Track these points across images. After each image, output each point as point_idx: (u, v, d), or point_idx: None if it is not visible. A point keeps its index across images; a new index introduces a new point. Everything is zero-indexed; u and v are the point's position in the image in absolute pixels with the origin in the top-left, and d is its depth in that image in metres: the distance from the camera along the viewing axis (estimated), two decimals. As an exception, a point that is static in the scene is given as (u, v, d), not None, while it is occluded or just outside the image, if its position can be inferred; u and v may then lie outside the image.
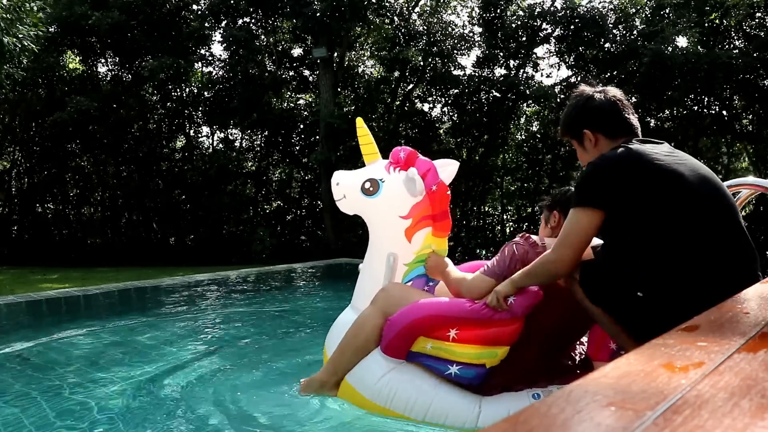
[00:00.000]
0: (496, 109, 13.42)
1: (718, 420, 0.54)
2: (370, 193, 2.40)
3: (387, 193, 2.38)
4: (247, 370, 3.10)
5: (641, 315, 1.72)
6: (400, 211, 2.37)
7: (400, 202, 2.37)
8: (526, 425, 0.53)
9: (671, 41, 11.41)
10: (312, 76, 14.63)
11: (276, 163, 15.39)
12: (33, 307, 5.38)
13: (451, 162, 2.57)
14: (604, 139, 1.92)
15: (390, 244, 2.39)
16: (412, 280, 2.38)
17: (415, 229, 2.36)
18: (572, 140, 2.04)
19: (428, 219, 2.37)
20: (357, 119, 2.71)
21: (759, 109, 12.11)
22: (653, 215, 1.73)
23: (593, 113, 1.95)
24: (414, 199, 2.35)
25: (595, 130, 1.94)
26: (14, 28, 7.60)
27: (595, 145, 1.95)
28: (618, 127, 1.92)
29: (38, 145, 14.44)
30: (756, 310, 1.21)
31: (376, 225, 2.48)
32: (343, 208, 2.53)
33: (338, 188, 2.49)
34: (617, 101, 1.95)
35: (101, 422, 2.23)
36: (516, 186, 14.81)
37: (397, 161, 2.44)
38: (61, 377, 2.97)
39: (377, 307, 2.19)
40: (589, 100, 1.97)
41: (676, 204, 1.72)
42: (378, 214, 2.45)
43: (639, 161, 1.75)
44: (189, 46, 13.44)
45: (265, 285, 7.65)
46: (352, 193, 2.45)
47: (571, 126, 2.01)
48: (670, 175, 1.73)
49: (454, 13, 14.77)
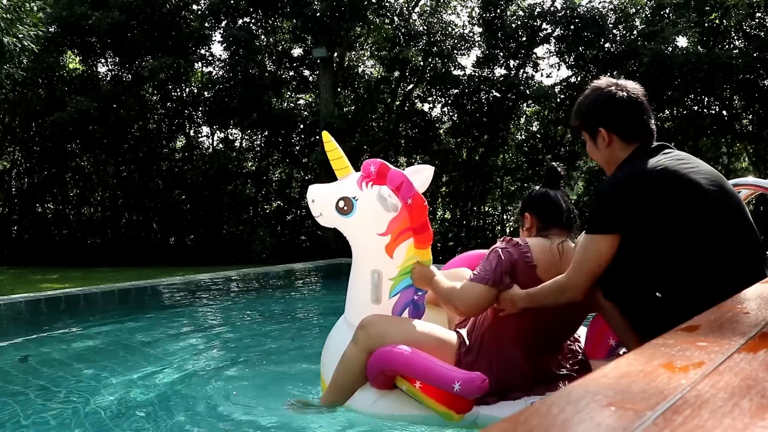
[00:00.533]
0: (496, 109, 13.42)
1: (718, 420, 0.54)
2: (344, 213, 2.34)
3: (362, 211, 2.31)
4: (246, 370, 3.10)
5: (658, 315, 1.71)
6: (377, 228, 2.30)
7: (376, 220, 2.30)
8: (526, 425, 0.53)
9: (671, 41, 11.41)
10: (312, 76, 14.63)
11: (276, 163, 15.39)
12: (33, 307, 5.38)
13: (426, 167, 2.48)
14: (618, 141, 1.88)
15: (372, 261, 2.34)
16: (400, 292, 2.33)
17: (395, 245, 2.30)
18: (584, 132, 1.99)
19: (407, 231, 2.30)
20: (323, 133, 2.62)
21: (759, 109, 12.11)
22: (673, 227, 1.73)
23: (613, 114, 1.88)
24: (390, 215, 2.28)
25: (611, 130, 1.88)
26: (14, 28, 7.60)
27: (608, 145, 1.90)
28: (635, 130, 1.88)
29: (38, 145, 14.44)
30: (756, 310, 1.21)
31: (356, 243, 2.43)
32: (323, 223, 2.47)
33: (314, 205, 2.43)
34: (639, 102, 1.89)
35: (101, 422, 2.23)
36: (516, 186, 14.80)
37: (368, 175, 2.34)
38: (60, 377, 2.97)
39: (359, 347, 2.17)
40: (611, 98, 1.89)
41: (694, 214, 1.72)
42: (355, 233, 2.39)
43: (651, 180, 1.73)
44: (189, 46, 13.43)
45: (265, 285, 7.66)
46: (327, 211, 2.39)
47: (587, 120, 1.95)
48: (686, 187, 1.72)
49: (454, 13, 14.78)
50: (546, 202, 2.16)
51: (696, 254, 1.73)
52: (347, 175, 2.45)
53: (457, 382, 1.95)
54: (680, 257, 1.74)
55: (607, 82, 1.95)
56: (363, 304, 2.33)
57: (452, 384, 1.96)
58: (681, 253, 1.73)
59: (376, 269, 2.31)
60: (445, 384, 1.98)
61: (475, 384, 1.95)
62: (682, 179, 1.73)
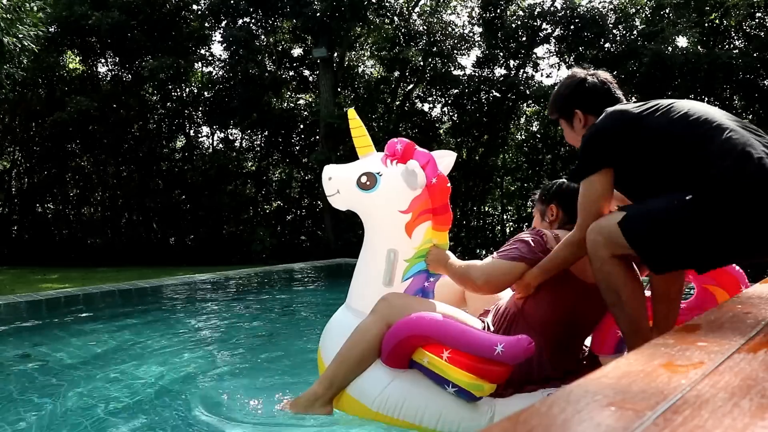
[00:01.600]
0: (496, 109, 13.43)
1: (718, 420, 0.54)
2: (366, 188, 2.28)
3: (385, 187, 2.26)
4: (246, 370, 3.10)
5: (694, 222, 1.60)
6: (399, 205, 2.25)
7: (399, 196, 2.25)
8: (526, 425, 0.53)
9: (671, 41, 11.41)
10: (312, 76, 14.64)
11: (276, 163, 15.39)
12: (33, 307, 5.38)
13: (449, 153, 2.50)
14: (595, 120, 1.95)
15: (389, 240, 2.28)
16: (413, 276, 2.29)
17: (415, 224, 2.26)
18: (561, 119, 2.09)
19: (428, 213, 2.27)
20: (349, 110, 2.61)
21: (759, 109, 12.11)
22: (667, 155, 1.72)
23: (586, 95, 2.00)
24: (413, 193, 2.24)
25: (586, 111, 2.00)
26: (14, 28, 7.60)
27: (584, 126, 2.01)
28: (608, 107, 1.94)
29: (38, 145, 14.43)
30: (756, 310, 1.21)
31: (375, 221, 2.35)
32: (336, 204, 2.40)
33: (331, 183, 2.35)
34: (610, 84, 2.01)
35: (100, 422, 2.23)
36: (516, 186, 14.82)
37: (393, 153, 2.32)
38: (60, 377, 2.96)
39: (379, 316, 2.08)
40: (581, 82, 2.02)
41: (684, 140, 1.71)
42: (376, 209, 2.32)
43: (627, 114, 1.79)
44: (189, 46, 13.44)
45: (265, 285, 7.65)
46: (346, 187, 2.32)
47: (562, 106, 2.06)
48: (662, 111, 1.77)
49: (454, 13, 14.80)
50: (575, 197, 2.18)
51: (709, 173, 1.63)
52: (369, 154, 2.43)
53: (500, 344, 1.84)
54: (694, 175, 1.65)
55: (577, 70, 2.09)
56: (373, 287, 2.24)
57: (494, 346, 1.85)
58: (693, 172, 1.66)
59: (392, 248, 2.26)
60: (485, 347, 1.86)
61: (522, 345, 1.84)
62: (658, 106, 1.80)
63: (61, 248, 13.65)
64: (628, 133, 1.78)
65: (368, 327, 2.09)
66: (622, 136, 1.78)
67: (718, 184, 1.59)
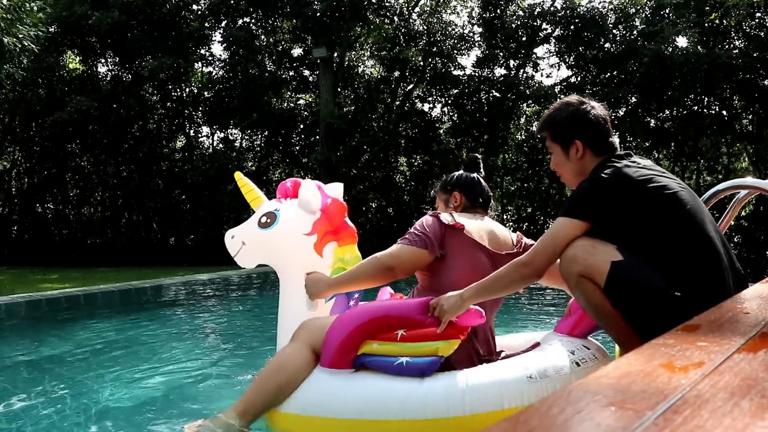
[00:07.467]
0: (496, 109, 13.43)
1: (718, 420, 0.54)
2: (268, 225, 2.38)
3: (286, 217, 2.39)
4: (245, 371, 3.10)
5: (678, 314, 1.68)
6: (303, 228, 2.37)
7: (301, 221, 2.38)
8: (526, 425, 0.53)
9: (671, 41, 11.42)
10: (312, 76, 14.64)
11: (276, 163, 15.39)
12: (33, 307, 5.38)
13: (336, 185, 2.59)
14: (591, 154, 1.97)
15: (304, 264, 2.34)
16: (335, 297, 2.33)
17: (322, 244, 2.39)
18: (554, 143, 2.04)
19: (330, 234, 2.41)
20: (235, 174, 2.73)
21: (759, 109, 12.11)
22: (661, 225, 1.78)
23: (589, 127, 1.97)
24: (313, 217, 2.39)
25: (586, 143, 1.97)
26: (14, 28, 7.60)
27: (580, 158, 1.97)
28: (606, 145, 1.98)
29: (38, 145, 14.45)
30: (756, 310, 1.22)
31: (284, 253, 2.42)
32: (245, 260, 2.47)
33: (234, 240, 2.43)
34: (606, 120, 2.02)
35: (100, 422, 2.23)
36: (516, 186, 14.81)
37: (285, 192, 2.50)
38: (60, 377, 2.97)
39: (301, 342, 2.04)
40: (587, 113, 1.98)
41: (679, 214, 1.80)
42: (282, 241, 2.39)
43: (632, 179, 1.81)
44: (189, 46, 13.44)
45: (265, 285, 7.66)
46: (249, 235, 2.41)
47: (563, 134, 2.01)
48: (663, 187, 1.82)
49: (454, 13, 14.81)
50: (475, 184, 2.42)
51: (697, 250, 1.77)
52: (261, 204, 2.55)
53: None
54: (684, 252, 1.77)
55: (577, 98, 2.06)
56: (298, 316, 2.24)
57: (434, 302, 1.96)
58: (683, 248, 1.77)
59: (309, 272, 2.29)
60: (425, 306, 1.96)
61: (473, 315, 1.94)
62: (659, 179, 1.84)
63: (61, 248, 13.65)
64: (630, 199, 1.81)
65: (293, 351, 2.02)
66: (623, 200, 1.81)
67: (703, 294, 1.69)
